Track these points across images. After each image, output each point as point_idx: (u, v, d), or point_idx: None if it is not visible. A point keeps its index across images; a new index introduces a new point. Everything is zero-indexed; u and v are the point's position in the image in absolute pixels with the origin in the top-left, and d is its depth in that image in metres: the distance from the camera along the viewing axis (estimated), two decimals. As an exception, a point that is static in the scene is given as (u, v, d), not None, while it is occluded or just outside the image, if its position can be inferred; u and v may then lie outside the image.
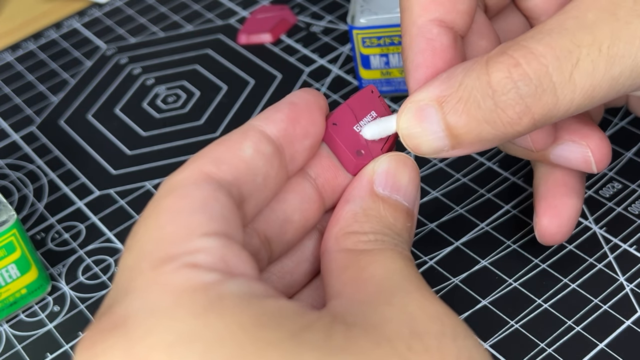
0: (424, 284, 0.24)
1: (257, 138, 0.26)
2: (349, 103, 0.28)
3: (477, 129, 0.26)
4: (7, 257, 0.35)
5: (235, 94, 0.46)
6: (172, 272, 0.22)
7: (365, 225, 0.26)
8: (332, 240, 0.26)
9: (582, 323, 0.32)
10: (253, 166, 0.25)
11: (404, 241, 0.26)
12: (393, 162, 0.28)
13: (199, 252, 0.22)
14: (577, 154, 0.31)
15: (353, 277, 0.24)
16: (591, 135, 0.31)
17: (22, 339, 0.36)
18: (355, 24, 0.41)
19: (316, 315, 0.22)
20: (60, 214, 0.41)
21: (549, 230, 0.32)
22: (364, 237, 0.26)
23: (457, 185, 0.38)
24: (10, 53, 0.53)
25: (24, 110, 0.48)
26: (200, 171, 0.24)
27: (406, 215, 0.27)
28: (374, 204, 0.27)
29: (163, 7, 0.54)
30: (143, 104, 0.47)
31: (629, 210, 0.36)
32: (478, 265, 0.35)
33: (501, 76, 0.26)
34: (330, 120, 0.28)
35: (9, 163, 0.45)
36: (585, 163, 0.32)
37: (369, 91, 0.29)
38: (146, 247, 0.23)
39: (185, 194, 0.23)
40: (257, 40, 0.50)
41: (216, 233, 0.23)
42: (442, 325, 0.22)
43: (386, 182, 0.27)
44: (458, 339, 0.22)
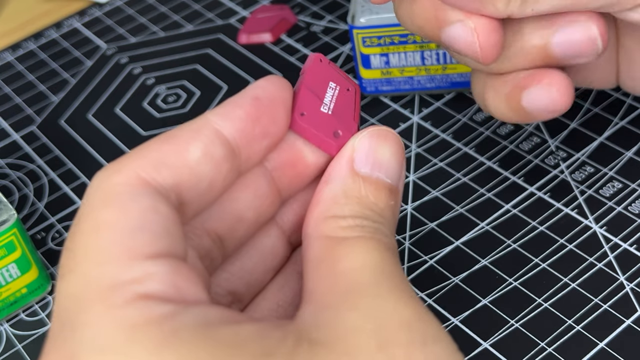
0: (398, 280, 0.23)
1: (209, 139, 0.24)
2: (306, 84, 0.27)
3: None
4: (7, 256, 0.35)
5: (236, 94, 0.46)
6: (123, 305, 0.20)
7: (345, 208, 0.25)
8: (312, 225, 0.25)
9: (582, 322, 0.32)
10: (198, 171, 0.24)
11: (387, 222, 0.25)
12: (374, 137, 0.26)
13: (147, 279, 0.21)
14: (580, 34, 0.30)
15: (327, 271, 0.23)
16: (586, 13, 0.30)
17: (22, 339, 0.36)
18: (355, 24, 0.41)
19: (280, 335, 0.21)
20: (60, 213, 0.41)
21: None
22: (343, 222, 0.24)
23: (457, 184, 0.38)
24: (11, 53, 0.53)
25: (25, 110, 0.48)
26: (138, 176, 0.23)
27: (389, 193, 0.26)
28: (354, 184, 0.25)
29: (163, 6, 0.54)
30: (143, 103, 0.47)
31: (629, 209, 0.36)
32: (478, 265, 0.35)
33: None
34: (296, 111, 0.26)
35: (9, 162, 0.45)
36: (590, 41, 0.30)
37: (318, 61, 0.28)
38: (90, 273, 0.21)
39: (123, 206, 0.22)
40: (258, 40, 0.50)
41: (162, 254, 0.21)
42: (410, 332, 0.22)
43: (366, 159, 0.26)
44: (427, 345, 0.21)
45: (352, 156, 0.26)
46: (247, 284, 0.27)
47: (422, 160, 0.40)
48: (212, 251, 0.26)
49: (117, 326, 0.20)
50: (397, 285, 0.23)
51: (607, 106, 0.41)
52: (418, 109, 0.43)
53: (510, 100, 0.32)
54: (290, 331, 0.21)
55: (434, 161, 0.40)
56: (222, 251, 0.26)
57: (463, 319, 0.33)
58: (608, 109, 0.40)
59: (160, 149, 0.23)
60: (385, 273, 0.23)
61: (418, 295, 0.34)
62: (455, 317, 0.33)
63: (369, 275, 0.23)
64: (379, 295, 0.22)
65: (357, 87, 0.28)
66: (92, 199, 0.23)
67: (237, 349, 0.20)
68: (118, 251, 0.21)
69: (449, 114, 0.42)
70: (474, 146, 0.40)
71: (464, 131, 0.41)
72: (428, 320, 0.22)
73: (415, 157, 0.40)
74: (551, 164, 0.38)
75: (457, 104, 0.42)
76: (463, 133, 0.41)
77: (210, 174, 0.24)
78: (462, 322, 0.33)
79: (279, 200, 0.27)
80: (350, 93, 0.28)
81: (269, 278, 0.28)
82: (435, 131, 0.41)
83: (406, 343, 0.21)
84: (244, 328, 0.21)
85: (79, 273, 0.21)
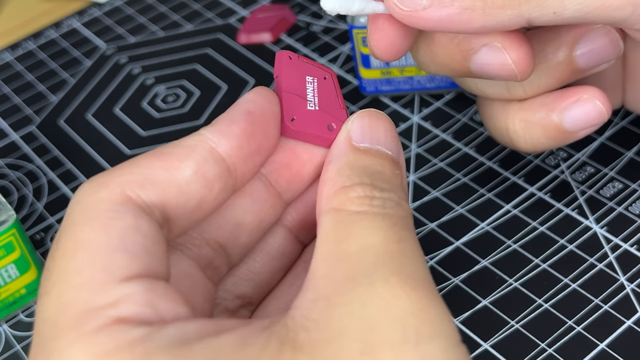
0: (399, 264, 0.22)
1: (203, 158, 0.24)
2: (285, 88, 0.27)
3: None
4: (6, 257, 0.35)
5: (235, 94, 0.46)
6: (95, 331, 0.20)
7: (352, 177, 0.24)
8: (323, 201, 0.24)
9: (582, 323, 0.32)
10: (187, 190, 0.23)
11: (396, 189, 0.25)
12: (365, 117, 0.26)
13: (122, 302, 0.21)
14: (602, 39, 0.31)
15: (330, 251, 0.23)
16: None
17: (21, 339, 0.36)
18: (355, 24, 0.41)
19: (262, 341, 0.21)
20: (59, 213, 0.41)
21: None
22: (352, 192, 0.24)
23: (457, 184, 0.38)
24: (10, 52, 0.53)
25: (24, 109, 0.48)
26: (122, 192, 0.22)
27: (393, 163, 0.25)
28: (357, 157, 0.25)
29: (163, 6, 0.54)
30: (143, 103, 0.47)
31: (630, 210, 0.36)
32: (478, 265, 0.35)
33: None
34: (286, 118, 0.26)
35: (8, 163, 0.45)
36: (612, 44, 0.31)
37: (287, 59, 0.27)
38: (65, 297, 0.21)
39: (105, 225, 0.22)
40: (257, 40, 0.50)
41: (139, 274, 0.21)
42: (404, 328, 0.20)
43: (363, 135, 0.26)
44: (421, 343, 0.20)
45: (349, 135, 0.26)
46: (256, 285, 0.27)
47: (422, 160, 0.40)
48: (214, 260, 0.26)
49: (88, 354, 0.20)
50: (397, 269, 0.22)
51: (608, 106, 0.41)
52: (418, 108, 0.43)
53: (548, 125, 0.32)
54: (274, 334, 0.21)
55: (434, 161, 0.40)
56: (227, 259, 0.26)
57: (463, 319, 0.33)
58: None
59: (150, 165, 0.23)
60: (385, 255, 0.22)
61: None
62: (455, 317, 0.33)
63: (368, 260, 0.22)
64: (372, 286, 0.21)
65: (332, 72, 0.28)
66: (74, 214, 0.22)
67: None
68: (94, 273, 0.21)
69: (449, 114, 0.42)
70: (474, 146, 0.40)
71: (464, 131, 0.41)
72: (426, 312, 0.21)
73: (415, 157, 0.40)
74: (552, 164, 0.38)
75: (457, 104, 0.42)
76: (463, 133, 0.41)
77: (200, 193, 0.23)
78: (463, 322, 0.33)
79: (280, 202, 0.27)
80: (328, 81, 0.28)
81: (279, 278, 0.27)
82: (436, 131, 0.41)
83: (396, 343, 0.20)
84: (223, 339, 0.21)
85: (54, 296, 0.21)
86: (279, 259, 0.27)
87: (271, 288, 0.27)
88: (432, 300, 0.21)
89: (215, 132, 0.24)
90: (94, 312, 0.21)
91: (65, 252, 0.22)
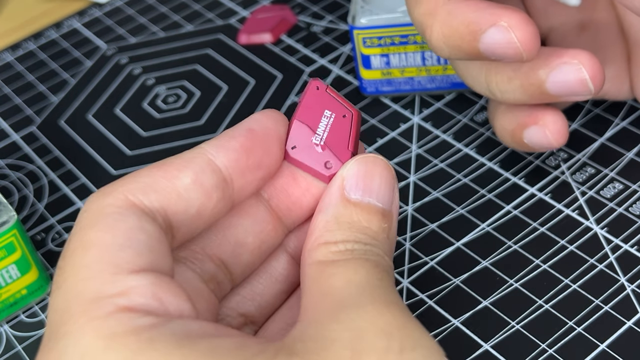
0: (382, 293, 0.24)
1: (200, 168, 0.25)
2: (299, 116, 0.28)
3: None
4: (7, 257, 0.35)
5: (236, 94, 0.46)
6: (104, 316, 0.21)
7: (337, 234, 0.26)
8: (306, 252, 0.26)
9: (583, 324, 0.32)
10: (187, 197, 0.25)
11: (380, 244, 0.26)
12: (362, 164, 0.27)
13: (130, 292, 0.22)
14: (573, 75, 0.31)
15: (316, 291, 0.24)
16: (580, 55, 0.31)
17: (22, 340, 0.36)
18: (356, 24, 0.41)
19: (259, 348, 0.22)
20: (60, 214, 0.41)
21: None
22: (334, 247, 0.25)
23: (457, 185, 0.38)
24: (11, 53, 0.53)
25: (24, 110, 0.48)
26: (126, 198, 0.24)
27: (381, 217, 0.26)
28: (346, 210, 0.26)
29: (163, 7, 0.54)
30: (143, 104, 0.47)
31: (630, 210, 0.36)
32: (479, 266, 0.35)
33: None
34: (288, 144, 0.27)
35: (9, 163, 0.45)
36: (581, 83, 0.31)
37: (315, 88, 0.28)
38: (75, 288, 0.22)
39: (110, 226, 0.23)
40: (258, 40, 0.50)
41: (144, 269, 0.22)
42: (389, 340, 0.22)
43: (357, 185, 0.27)
44: (405, 352, 0.22)
45: (342, 184, 0.27)
46: (259, 306, 0.28)
47: (423, 161, 0.40)
48: (217, 275, 0.27)
49: (96, 335, 0.21)
50: (380, 297, 0.24)
51: (608, 107, 0.41)
52: (418, 109, 0.43)
53: (514, 136, 0.34)
54: (270, 345, 0.22)
55: (435, 162, 0.40)
56: (230, 276, 0.27)
57: (464, 320, 0.33)
58: (609, 109, 0.40)
59: (151, 175, 0.25)
60: (369, 286, 0.24)
61: (418, 297, 0.34)
62: (456, 318, 0.33)
63: (353, 290, 0.24)
64: (360, 307, 0.23)
65: (356, 112, 0.29)
66: (82, 220, 0.24)
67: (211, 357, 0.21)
68: (103, 267, 0.22)
69: (450, 115, 0.42)
70: (475, 147, 0.40)
71: (465, 132, 0.41)
72: (410, 328, 0.23)
73: (415, 158, 0.40)
74: (552, 165, 0.38)
75: (457, 105, 0.42)
76: (464, 134, 0.41)
77: (199, 201, 0.25)
78: (463, 323, 0.33)
79: (282, 226, 0.28)
80: (347, 119, 0.28)
81: (282, 300, 0.29)
82: (436, 132, 0.41)
83: (382, 350, 0.22)
84: (222, 341, 0.22)
85: (66, 288, 0.23)
86: (282, 282, 0.29)
87: (274, 309, 0.28)
88: (413, 323, 0.23)
89: (214, 146, 0.26)
90: (104, 299, 0.22)
91: (74, 251, 0.23)
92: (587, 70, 0.31)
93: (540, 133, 0.34)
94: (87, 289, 0.22)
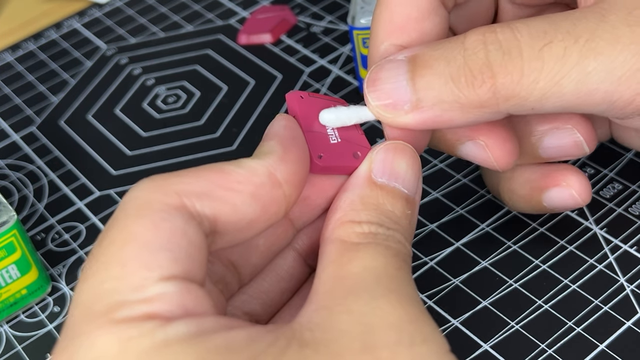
0: (398, 285, 0.24)
1: (262, 182, 0.24)
2: (305, 127, 0.27)
3: (441, 86, 0.26)
4: (7, 257, 0.35)
5: (236, 94, 0.46)
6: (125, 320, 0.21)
7: (361, 214, 0.25)
8: (329, 228, 0.26)
9: (582, 324, 0.32)
10: (241, 211, 0.24)
11: (402, 229, 0.26)
12: (390, 149, 0.27)
13: (156, 299, 0.21)
14: (567, 139, 0.31)
15: (332, 274, 0.24)
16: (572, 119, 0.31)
17: (22, 340, 0.36)
18: (355, 25, 0.41)
19: (271, 338, 0.22)
20: (60, 214, 0.41)
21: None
22: (358, 228, 0.25)
23: (457, 185, 0.38)
24: (11, 53, 0.53)
25: (24, 110, 0.48)
26: (178, 198, 0.23)
27: (405, 203, 0.26)
28: (372, 191, 0.26)
29: (163, 7, 0.54)
30: (143, 104, 0.47)
31: (630, 211, 0.36)
32: (478, 266, 0.35)
33: (475, 38, 0.26)
34: (313, 156, 0.27)
35: (9, 163, 0.45)
36: (576, 146, 0.31)
37: (299, 98, 0.28)
38: (102, 286, 0.22)
39: (155, 223, 0.22)
40: (258, 41, 0.50)
41: (177, 276, 0.22)
42: (399, 333, 0.22)
43: (383, 169, 0.27)
44: (414, 346, 0.22)
45: (370, 167, 0.27)
46: (264, 304, 0.28)
47: (423, 161, 0.40)
48: (225, 277, 0.27)
49: (113, 338, 0.21)
50: (395, 289, 0.23)
51: (608, 107, 0.40)
52: (418, 110, 0.43)
53: (531, 200, 0.33)
54: (282, 333, 0.22)
55: (434, 162, 0.40)
56: (238, 277, 0.27)
57: (463, 320, 0.33)
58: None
59: (209, 179, 0.24)
60: (385, 277, 0.24)
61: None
62: (455, 318, 0.33)
63: (369, 279, 0.23)
64: (373, 299, 0.23)
65: (343, 101, 0.29)
66: (128, 207, 0.23)
67: (225, 354, 0.21)
68: (136, 267, 0.22)
69: (449, 115, 0.42)
70: (474, 147, 0.40)
71: (464, 132, 0.41)
72: (421, 322, 0.23)
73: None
74: (551, 165, 0.38)
75: (457, 105, 0.42)
76: (463, 134, 0.41)
77: (252, 215, 0.24)
78: (462, 323, 0.33)
79: (292, 229, 0.28)
80: None
81: (287, 299, 0.29)
82: (436, 132, 0.41)
83: (392, 344, 0.22)
84: (236, 333, 0.22)
85: (93, 283, 0.22)
86: (287, 280, 0.28)
87: (279, 308, 0.28)
88: (425, 316, 0.23)
89: (274, 158, 0.25)
90: (128, 304, 0.21)
91: (113, 241, 0.23)
92: (581, 133, 0.31)
93: (565, 195, 0.32)
94: (115, 289, 0.22)
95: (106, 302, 0.21)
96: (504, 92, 0.26)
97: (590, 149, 0.32)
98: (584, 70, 0.25)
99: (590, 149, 0.32)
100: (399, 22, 0.29)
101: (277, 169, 0.24)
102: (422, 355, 0.22)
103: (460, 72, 0.26)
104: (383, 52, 0.29)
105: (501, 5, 0.33)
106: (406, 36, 0.29)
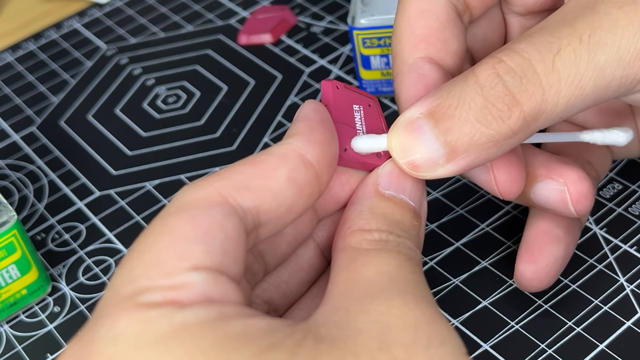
0: (413, 288, 0.24)
1: (295, 165, 0.25)
2: (335, 118, 0.27)
3: (471, 131, 0.26)
4: (7, 257, 0.35)
5: (236, 95, 0.46)
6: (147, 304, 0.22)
7: (371, 222, 0.26)
8: (339, 239, 0.26)
9: (582, 324, 0.32)
10: (280, 196, 0.24)
11: (411, 238, 0.26)
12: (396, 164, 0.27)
13: (181, 287, 0.22)
14: (555, 192, 0.30)
15: (346, 278, 0.24)
16: (568, 172, 0.30)
17: (22, 340, 0.36)
18: (355, 25, 0.41)
19: (289, 331, 0.22)
20: (60, 214, 0.41)
21: (524, 275, 0.31)
22: (368, 236, 0.25)
23: (457, 185, 0.38)
24: (11, 53, 0.53)
25: (24, 110, 0.48)
26: (219, 194, 0.24)
27: (413, 214, 0.27)
28: (380, 202, 0.27)
29: (163, 7, 0.54)
30: (143, 104, 0.47)
31: (630, 211, 0.36)
32: (478, 266, 0.35)
33: (487, 73, 0.26)
34: (339, 147, 0.27)
35: (9, 163, 0.45)
36: (562, 202, 0.30)
37: (335, 88, 0.28)
38: (133, 272, 0.22)
39: (193, 217, 0.23)
40: (258, 41, 0.50)
41: (208, 267, 0.22)
42: (416, 334, 0.22)
43: (390, 182, 0.27)
44: (431, 347, 0.22)
45: (377, 180, 0.27)
46: (283, 294, 0.28)
47: (422, 161, 0.40)
48: (253, 266, 0.27)
49: (133, 319, 0.21)
50: (411, 290, 0.24)
51: (608, 107, 0.41)
52: (418, 110, 0.43)
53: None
54: (299, 328, 0.22)
55: (434, 162, 0.40)
56: (264, 266, 0.27)
57: (463, 320, 0.33)
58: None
59: (245, 172, 0.24)
60: (399, 280, 0.24)
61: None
62: (455, 318, 0.33)
63: (384, 282, 0.24)
64: (389, 300, 0.23)
65: (375, 99, 0.29)
66: (169, 207, 0.24)
67: (242, 341, 0.21)
68: (168, 256, 0.22)
69: (449, 115, 0.42)
70: (474, 147, 0.40)
71: (464, 132, 0.41)
72: (437, 324, 0.23)
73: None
74: (551, 165, 0.38)
75: (457, 105, 0.42)
76: (463, 134, 0.41)
77: (291, 199, 0.25)
78: (462, 323, 0.33)
79: (315, 218, 0.28)
80: (373, 108, 0.29)
81: (305, 289, 0.29)
82: (436, 132, 0.41)
83: (409, 344, 0.22)
84: (254, 322, 0.22)
85: (127, 269, 0.23)
86: (306, 271, 0.29)
87: (296, 299, 0.29)
88: (442, 318, 0.23)
89: (301, 140, 0.25)
90: (153, 289, 0.22)
91: (150, 234, 0.23)
92: (571, 191, 0.30)
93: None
94: (144, 274, 0.22)
95: (133, 286, 0.22)
96: (533, 113, 0.26)
97: (577, 212, 0.30)
98: (597, 66, 0.26)
99: (578, 212, 0.30)
100: (422, 34, 0.29)
101: (306, 150, 0.25)
102: (439, 357, 0.22)
103: (486, 112, 0.26)
104: (412, 66, 0.29)
105: (507, 19, 0.33)
106: (431, 47, 0.29)
